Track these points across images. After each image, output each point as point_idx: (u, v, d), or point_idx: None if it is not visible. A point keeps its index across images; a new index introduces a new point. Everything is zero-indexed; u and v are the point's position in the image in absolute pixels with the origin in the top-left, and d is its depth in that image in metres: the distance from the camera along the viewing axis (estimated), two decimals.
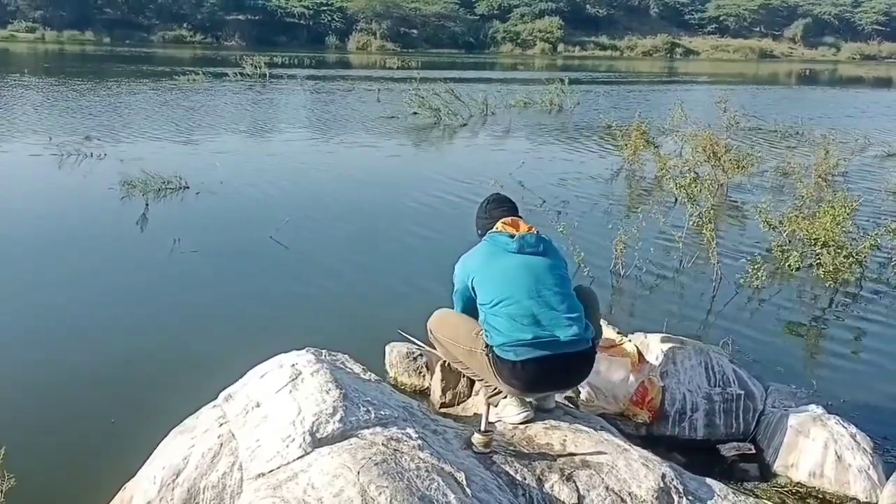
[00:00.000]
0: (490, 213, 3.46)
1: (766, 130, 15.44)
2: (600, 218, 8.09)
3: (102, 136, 12.40)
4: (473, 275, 3.24)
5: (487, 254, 3.28)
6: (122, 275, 5.89)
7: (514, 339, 3.06)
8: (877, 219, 7.94)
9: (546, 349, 3.06)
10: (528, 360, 3.06)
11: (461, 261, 3.37)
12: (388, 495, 2.34)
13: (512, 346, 3.06)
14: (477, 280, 3.22)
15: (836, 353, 4.98)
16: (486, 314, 3.17)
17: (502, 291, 3.13)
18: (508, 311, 3.09)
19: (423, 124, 15.70)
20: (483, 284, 3.20)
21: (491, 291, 3.16)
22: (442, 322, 3.39)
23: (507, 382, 3.12)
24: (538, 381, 3.15)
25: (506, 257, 3.22)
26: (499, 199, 3.54)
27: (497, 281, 3.17)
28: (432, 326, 3.41)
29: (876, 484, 3.19)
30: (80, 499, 3.07)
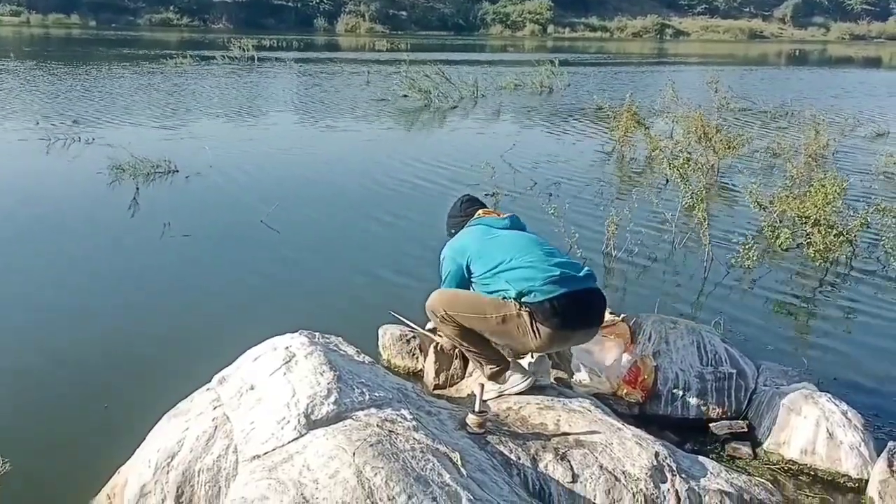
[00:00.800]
0: (465, 210, 3.59)
1: (757, 111, 15.45)
2: (592, 199, 8.09)
3: (90, 120, 12.31)
4: (469, 253, 3.30)
5: (479, 233, 3.39)
6: (113, 259, 5.86)
7: (545, 278, 3.12)
8: (867, 198, 7.97)
9: (573, 284, 3.17)
10: (560, 296, 3.11)
11: (449, 246, 3.41)
12: (383, 476, 2.35)
13: (542, 285, 3.11)
14: (475, 255, 3.28)
15: (827, 332, 5.01)
16: (502, 273, 3.20)
17: (512, 249, 3.24)
18: (528, 259, 3.19)
19: (413, 107, 15.64)
20: (485, 254, 3.27)
21: (499, 254, 3.23)
22: (456, 299, 3.30)
23: (545, 325, 3.12)
24: (573, 317, 3.17)
25: (498, 232, 3.36)
26: (471, 198, 3.68)
27: (500, 245, 3.28)
28: (444, 307, 3.27)
29: (867, 460, 3.22)
30: (75, 483, 3.06)
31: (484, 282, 3.27)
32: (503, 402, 3.30)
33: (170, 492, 2.62)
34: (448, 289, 3.38)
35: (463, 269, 3.32)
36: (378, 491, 2.30)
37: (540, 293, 3.12)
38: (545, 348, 3.31)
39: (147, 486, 2.67)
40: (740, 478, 3.04)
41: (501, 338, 3.31)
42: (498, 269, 3.22)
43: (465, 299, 3.30)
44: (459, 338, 3.34)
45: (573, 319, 3.20)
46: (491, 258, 3.24)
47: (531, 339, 3.18)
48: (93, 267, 5.68)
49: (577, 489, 2.77)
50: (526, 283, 3.14)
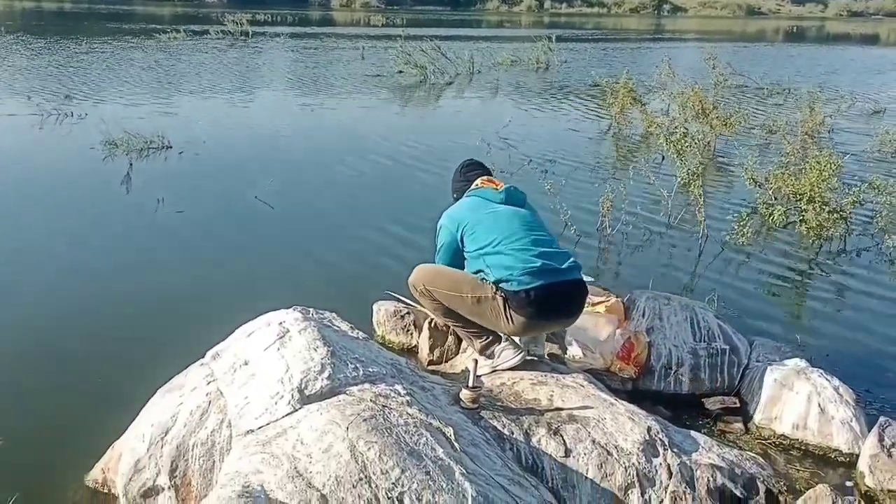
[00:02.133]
0: (465, 175, 3.65)
1: (753, 88, 15.40)
2: (587, 176, 8.08)
3: (83, 95, 12.21)
4: (463, 225, 3.34)
5: (475, 205, 3.42)
6: (107, 235, 5.84)
7: (523, 269, 3.15)
8: (862, 175, 7.97)
9: (552, 276, 3.18)
10: (537, 287, 3.14)
11: (446, 215, 3.45)
12: (377, 450, 2.36)
13: (520, 276, 3.14)
14: (468, 229, 3.32)
15: (820, 309, 5.03)
16: (486, 256, 3.24)
17: (501, 232, 3.26)
18: (513, 245, 3.21)
19: (409, 83, 15.55)
20: (476, 231, 3.30)
21: (488, 235, 3.27)
22: (437, 275, 3.36)
23: (518, 313, 3.17)
24: (547, 308, 3.21)
25: (494, 206, 3.39)
26: (472, 162, 3.74)
27: (491, 224, 3.30)
28: (424, 282, 3.35)
29: (858, 435, 3.24)
30: (69, 459, 3.07)
31: (472, 259, 3.33)
32: (497, 378, 3.31)
33: (164, 466, 2.63)
34: (431, 265, 3.43)
35: (457, 241, 3.36)
36: (371, 465, 2.31)
37: (516, 283, 3.15)
38: (518, 334, 3.36)
39: (141, 460, 2.69)
40: (732, 452, 3.07)
41: (477, 318, 3.34)
42: (483, 250, 3.26)
43: (446, 276, 3.34)
44: (441, 313, 3.40)
45: (547, 311, 3.23)
46: (480, 237, 3.28)
47: (504, 324, 3.24)
48: (86, 243, 5.66)
49: (570, 463, 2.78)
50: (505, 270, 3.18)
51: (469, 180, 3.61)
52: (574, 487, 2.74)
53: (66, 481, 2.97)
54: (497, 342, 3.39)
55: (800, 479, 3.09)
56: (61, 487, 2.95)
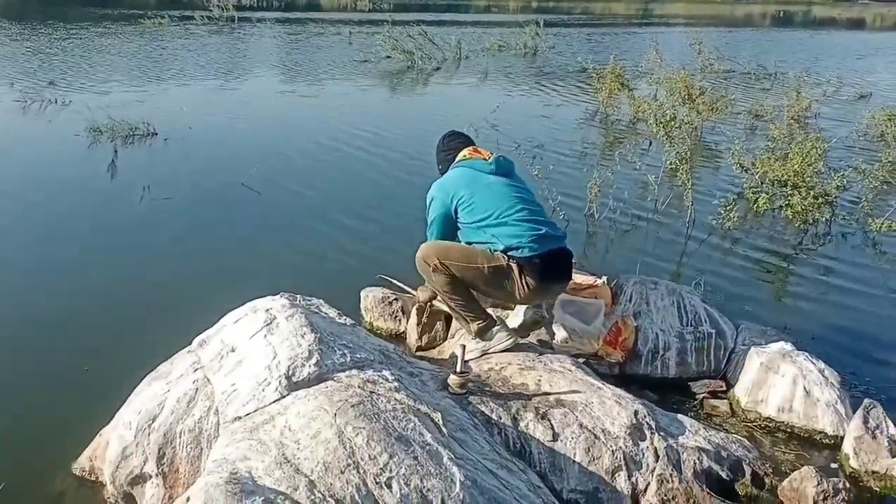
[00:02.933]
0: (448, 145, 3.68)
1: (740, 73, 15.42)
2: (575, 161, 8.08)
3: (66, 81, 12.08)
4: (458, 197, 3.36)
5: (467, 176, 3.43)
6: (92, 223, 5.80)
7: (531, 236, 3.27)
8: (848, 159, 8.00)
9: (555, 242, 3.36)
10: (545, 253, 3.29)
11: (436, 187, 3.46)
12: (365, 436, 2.36)
13: (530, 243, 3.26)
14: (463, 201, 3.35)
15: (806, 292, 5.07)
16: (489, 228, 3.30)
17: (500, 203, 3.33)
18: (516, 216, 3.30)
19: (397, 68, 15.47)
20: (474, 203, 3.34)
21: (487, 207, 3.32)
22: (449, 249, 3.36)
23: (532, 277, 3.28)
24: (555, 271, 3.38)
25: (486, 178, 3.41)
26: (454, 132, 3.79)
27: (488, 196, 3.35)
28: (438, 256, 3.32)
29: (843, 418, 3.27)
30: (55, 447, 3.06)
31: (470, 231, 3.36)
32: (485, 363, 3.32)
33: (151, 453, 2.62)
34: (437, 241, 3.42)
35: (451, 213, 3.39)
36: (359, 451, 2.31)
37: (527, 249, 3.26)
38: (528, 300, 3.44)
39: (128, 448, 2.68)
40: (718, 435, 3.09)
41: (490, 288, 3.38)
42: (485, 222, 3.31)
43: (458, 249, 3.37)
44: (450, 289, 3.36)
45: (553, 274, 3.39)
46: (479, 209, 3.33)
47: (518, 291, 3.31)
48: (71, 230, 5.62)
49: (558, 447, 2.80)
50: (514, 239, 3.27)
51: (452, 149, 3.63)
52: (562, 471, 2.76)
53: (52, 470, 2.96)
54: (493, 325, 3.41)
55: (785, 462, 3.12)
56: (48, 476, 2.93)
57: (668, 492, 2.74)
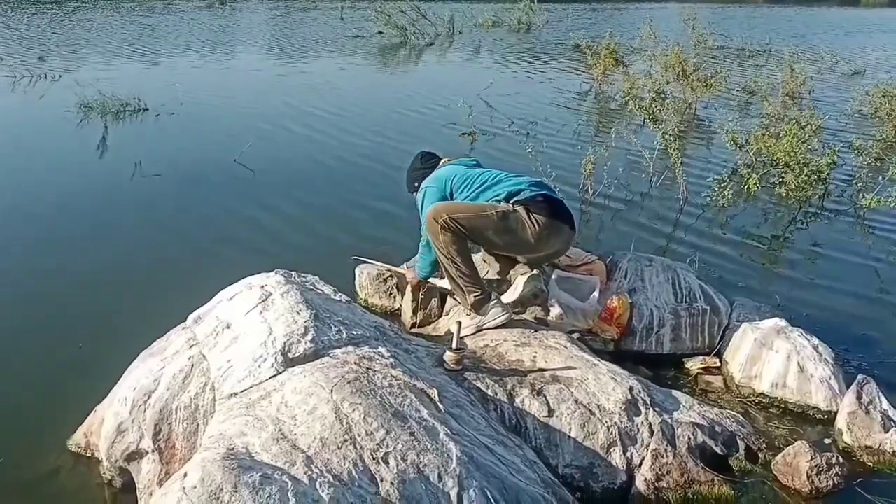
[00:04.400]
0: (425, 163, 3.78)
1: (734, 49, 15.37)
2: (569, 139, 8.05)
3: (56, 56, 11.96)
4: (451, 180, 3.51)
5: (455, 168, 3.61)
6: (84, 199, 5.76)
7: (528, 182, 3.49)
8: (842, 136, 8.00)
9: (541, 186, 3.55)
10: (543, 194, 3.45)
11: (429, 179, 3.59)
12: (361, 412, 2.36)
13: (529, 186, 3.45)
14: (457, 183, 3.50)
15: (800, 269, 5.08)
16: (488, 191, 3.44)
17: (492, 175, 3.51)
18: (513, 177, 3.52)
19: (389, 44, 15.37)
20: (467, 181, 3.50)
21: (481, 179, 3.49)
22: (456, 204, 3.44)
23: (541, 213, 3.35)
24: (557, 211, 3.45)
25: (473, 168, 3.61)
26: (429, 153, 3.87)
27: (480, 174, 3.53)
28: (447, 212, 3.33)
29: (837, 393, 3.29)
30: (50, 424, 3.05)
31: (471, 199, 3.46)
32: (480, 340, 3.32)
33: (147, 429, 2.62)
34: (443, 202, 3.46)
35: (447, 197, 3.47)
36: (356, 426, 2.31)
37: (528, 191, 3.41)
38: (543, 244, 3.44)
39: (124, 423, 2.67)
40: (712, 410, 3.11)
41: (502, 235, 3.40)
42: (484, 186, 3.45)
43: (464, 203, 3.45)
44: (455, 251, 3.33)
45: (560, 215, 3.47)
46: (475, 181, 3.48)
47: (530, 231, 3.35)
48: (63, 207, 5.58)
49: (553, 423, 2.81)
50: (514, 187, 3.42)
51: (430, 167, 3.73)
52: (557, 447, 2.77)
53: (48, 446, 2.95)
54: (489, 299, 3.40)
55: (779, 437, 3.14)
56: (43, 452, 2.93)
57: (663, 466, 2.76)
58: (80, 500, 2.73)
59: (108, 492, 2.76)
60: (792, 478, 2.82)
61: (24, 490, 2.74)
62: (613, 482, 2.73)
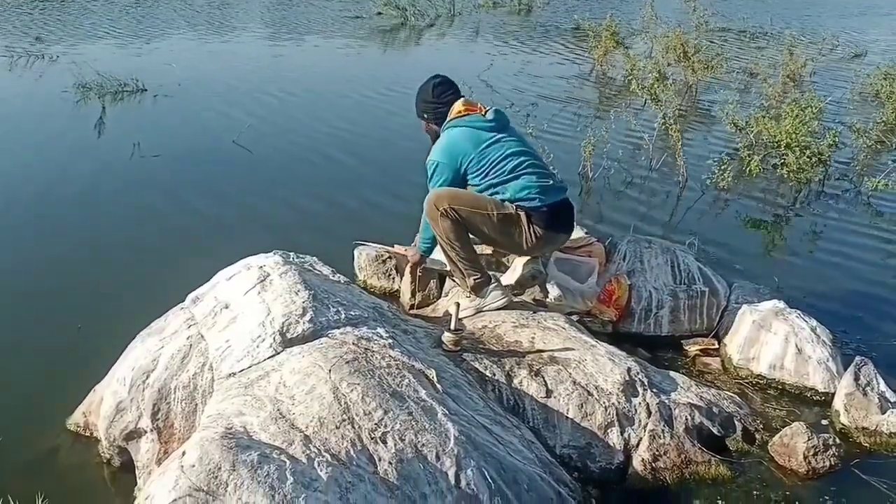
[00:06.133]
0: (440, 97, 3.51)
1: (736, 31, 15.28)
2: (569, 120, 8.02)
3: (54, 37, 11.89)
4: (467, 160, 3.35)
5: (470, 138, 3.37)
6: (83, 180, 5.73)
7: (539, 187, 3.35)
8: (843, 118, 7.97)
9: (559, 193, 3.43)
10: (552, 203, 3.37)
11: (440, 151, 3.39)
12: (359, 391, 2.36)
13: (538, 194, 3.34)
14: (472, 164, 3.35)
15: (799, 251, 5.08)
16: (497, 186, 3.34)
17: (506, 163, 3.35)
18: (523, 170, 3.36)
19: (389, 25, 15.27)
20: (482, 166, 3.35)
21: (495, 167, 3.34)
22: (459, 195, 3.35)
23: (539, 226, 3.35)
24: (560, 222, 3.47)
25: (487, 136, 3.39)
26: (444, 81, 3.57)
27: (494, 156, 3.35)
28: (448, 201, 3.28)
29: (834, 375, 3.30)
30: (49, 403, 3.06)
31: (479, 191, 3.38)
32: (478, 321, 3.33)
33: (146, 409, 2.63)
34: (445, 188, 3.36)
35: (460, 177, 3.37)
36: (354, 406, 2.31)
37: (537, 200, 3.33)
38: (533, 250, 3.48)
39: (123, 403, 2.68)
40: (709, 392, 3.12)
41: (497, 236, 3.40)
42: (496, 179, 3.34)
43: (468, 196, 3.37)
44: (454, 237, 3.32)
45: (559, 224, 3.47)
46: (487, 170, 3.34)
47: (525, 240, 3.37)
48: (61, 188, 5.56)
49: (551, 404, 2.82)
50: (524, 191, 3.33)
51: (446, 103, 3.48)
52: (555, 427, 2.78)
53: (47, 425, 2.97)
54: (489, 283, 3.41)
55: (776, 418, 3.15)
56: (43, 432, 2.94)
57: (660, 447, 2.77)
58: (78, 480, 2.74)
59: (107, 471, 2.77)
60: (789, 458, 2.83)
61: (23, 469, 2.75)
62: (611, 462, 2.75)
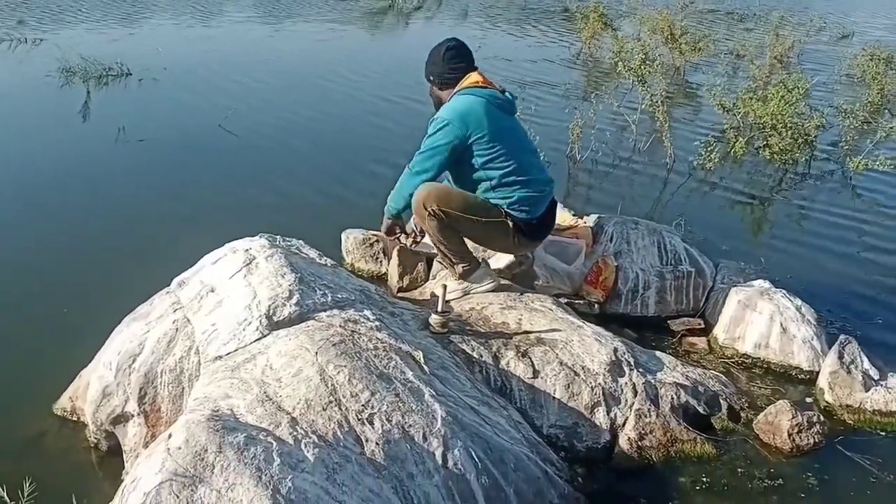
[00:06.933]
0: (451, 65, 3.32)
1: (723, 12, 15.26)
2: (557, 103, 8.01)
3: (36, 20, 11.75)
4: (478, 133, 3.14)
5: (490, 112, 3.17)
6: (67, 165, 5.69)
7: (530, 198, 3.28)
8: (830, 99, 7.99)
9: (546, 201, 3.38)
10: (537, 216, 3.33)
11: (452, 113, 3.16)
12: (346, 374, 2.36)
13: (530, 206, 3.28)
14: (485, 140, 3.14)
15: (785, 231, 5.11)
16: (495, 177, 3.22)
17: (512, 156, 3.22)
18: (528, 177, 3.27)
19: (377, 7, 15.17)
20: (491, 145, 3.16)
21: (501, 154, 3.20)
22: (450, 196, 3.23)
23: (524, 236, 3.33)
24: (542, 231, 3.46)
25: (502, 118, 3.23)
26: (458, 49, 3.36)
27: (505, 144, 3.20)
28: (437, 202, 3.18)
29: (819, 354, 3.32)
30: (35, 388, 3.05)
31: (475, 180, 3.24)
32: (466, 303, 3.33)
33: (133, 393, 2.62)
34: (436, 184, 3.24)
35: (463, 146, 3.15)
36: (341, 388, 2.32)
37: (527, 213, 3.29)
38: (516, 252, 3.54)
39: (109, 387, 2.67)
40: (695, 371, 3.14)
41: (481, 238, 3.41)
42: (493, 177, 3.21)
43: (459, 197, 3.25)
44: (441, 235, 3.28)
45: (544, 231, 3.48)
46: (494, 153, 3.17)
47: (509, 245, 3.40)
48: (45, 173, 5.51)
49: (538, 384, 2.83)
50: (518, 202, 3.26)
51: (458, 71, 3.30)
52: (542, 407, 2.79)
53: (33, 410, 2.95)
54: (477, 268, 3.40)
55: (761, 396, 3.18)
56: (30, 417, 2.93)
57: (646, 426, 2.79)
58: (66, 464, 2.74)
59: (95, 455, 2.76)
60: (773, 436, 2.85)
61: (9, 454, 2.74)
62: (597, 442, 2.76)
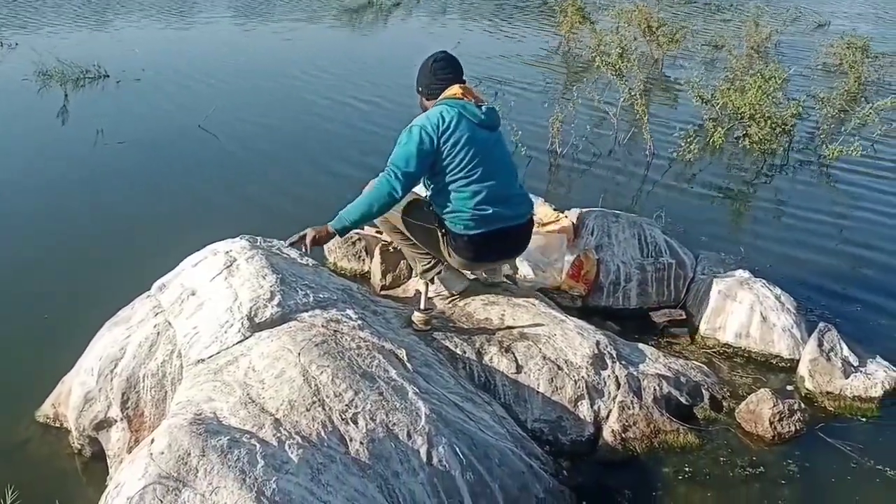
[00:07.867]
0: (437, 75, 3.28)
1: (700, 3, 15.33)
2: (537, 97, 8.02)
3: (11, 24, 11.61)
4: (448, 138, 3.05)
5: (461, 122, 3.08)
6: (45, 169, 5.63)
7: (473, 214, 3.08)
8: (807, 88, 8.05)
9: (497, 223, 3.12)
10: (478, 234, 3.11)
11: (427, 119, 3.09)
12: (329, 373, 2.37)
13: (467, 220, 3.09)
14: (451, 144, 3.04)
15: (764, 221, 5.15)
16: (448, 185, 3.08)
17: (473, 168, 3.06)
18: (475, 188, 3.07)
19: (355, 4, 15.10)
20: (458, 153, 3.04)
21: (464, 163, 3.05)
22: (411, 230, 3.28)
23: (457, 252, 3.17)
24: (487, 251, 3.22)
25: (476, 130, 3.10)
26: (446, 58, 3.34)
27: (471, 155, 3.05)
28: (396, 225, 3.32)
29: (799, 342, 3.36)
30: (17, 395, 3.03)
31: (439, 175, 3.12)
32: (448, 299, 3.34)
33: (115, 398, 2.61)
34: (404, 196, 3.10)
35: (433, 151, 3.03)
36: (324, 388, 2.32)
37: (462, 226, 3.10)
38: (463, 268, 3.35)
39: (91, 392, 2.66)
40: (677, 362, 3.16)
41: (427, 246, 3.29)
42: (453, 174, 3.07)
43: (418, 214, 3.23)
44: (400, 239, 3.36)
45: (487, 254, 3.26)
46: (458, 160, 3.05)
47: (448, 258, 3.24)
48: (24, 177, 5.46)
49: (522, 379, 2.84)
50: (452, 212, 3.11)
51: (441, 80, 3.26)
52: (526, 402, 2.81)
53: (16, 418, 2.94)
54: (437, 267, 3.32)
55: (743, 385, 3.21)
56: (12, 424, 2.91)
57: (630, 417, 2.81)
58: (49, 470, 2.72)
59: (78, 461, 2.75)
60: (755, 424, 2.88)
61: None
62: (581, 434, 2.78)
